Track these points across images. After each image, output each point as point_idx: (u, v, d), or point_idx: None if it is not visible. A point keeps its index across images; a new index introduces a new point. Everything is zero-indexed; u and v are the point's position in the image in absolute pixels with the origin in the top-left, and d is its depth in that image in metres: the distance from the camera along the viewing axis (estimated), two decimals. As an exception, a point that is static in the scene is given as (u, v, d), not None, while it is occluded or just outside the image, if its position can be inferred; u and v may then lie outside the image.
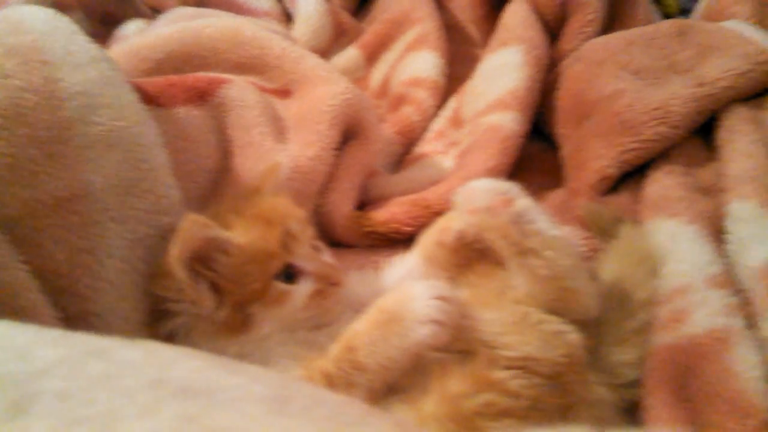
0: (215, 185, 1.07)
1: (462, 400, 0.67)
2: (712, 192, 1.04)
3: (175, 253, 0.75)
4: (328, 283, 0.84)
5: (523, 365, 0.70)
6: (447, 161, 1.32)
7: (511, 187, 0.78)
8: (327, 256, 0.90)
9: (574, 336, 0.74)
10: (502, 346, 0.71)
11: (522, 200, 0.77)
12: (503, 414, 0.67)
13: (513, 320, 0.73)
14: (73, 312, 0.77)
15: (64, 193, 0.78)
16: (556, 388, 0.71)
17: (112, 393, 0.46)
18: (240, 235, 0.80)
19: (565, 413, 0.71)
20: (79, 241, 0.78)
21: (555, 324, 0.74)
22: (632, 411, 0.82)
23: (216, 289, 0.78)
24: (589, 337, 0.78)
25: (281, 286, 0.81)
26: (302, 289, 0.82)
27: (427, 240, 0.87)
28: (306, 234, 0.86)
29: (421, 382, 0.71)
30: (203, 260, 0.78)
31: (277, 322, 0.81)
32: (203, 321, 0.79)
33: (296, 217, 0.86)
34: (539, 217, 0.78)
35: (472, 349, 0.72)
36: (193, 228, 0.76)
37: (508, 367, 0.70)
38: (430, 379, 0.71)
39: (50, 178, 0.76)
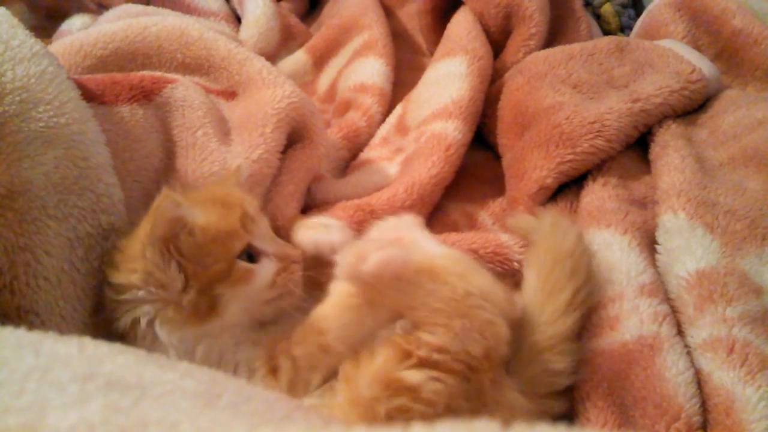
0: (159, 185, 1.04)
1: (374, 404, 0.68)
2: (646, 204, 1.08)
3: (148, 231, 0.74)
4: (289, 262, 0.84)
5: (436, 359, 0.69)
6: (392, 167, 1.32)
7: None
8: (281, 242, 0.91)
9: (502, 330, 0.73)
10: (430, 324, 0.71)
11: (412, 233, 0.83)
12: (416, 417, 0.66)
13: (453, 296, 0.72)
14: (10, 308, 0.76)
15: (1, 189, 0.76)
16: (470, 388, 0.70)
17: (41, 384, 0.46)
18: (201, 216, 0.80)
19: (478, 414, 0.71)
20: (17, 238, 0.77)
21: (490, 314, 0.73)
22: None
23: (182, 271, 0.78)
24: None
25: (245, 265, 0.81)
26: (266, 267, 0.82)
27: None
28: (262, 218, 0.87)
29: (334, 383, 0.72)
30: (170, 240, 0.77)
31: (244, 304, 0.81)
32: (170, 307, 0.78)
33: (252, 202, 0.87)
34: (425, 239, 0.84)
35: (399, 315, 0.73)
36: (167, 205, 0.75)
37: (420, 364, 0.69)
38: (338, 381, 0.72)
39: (-14, 173, 0.75)
